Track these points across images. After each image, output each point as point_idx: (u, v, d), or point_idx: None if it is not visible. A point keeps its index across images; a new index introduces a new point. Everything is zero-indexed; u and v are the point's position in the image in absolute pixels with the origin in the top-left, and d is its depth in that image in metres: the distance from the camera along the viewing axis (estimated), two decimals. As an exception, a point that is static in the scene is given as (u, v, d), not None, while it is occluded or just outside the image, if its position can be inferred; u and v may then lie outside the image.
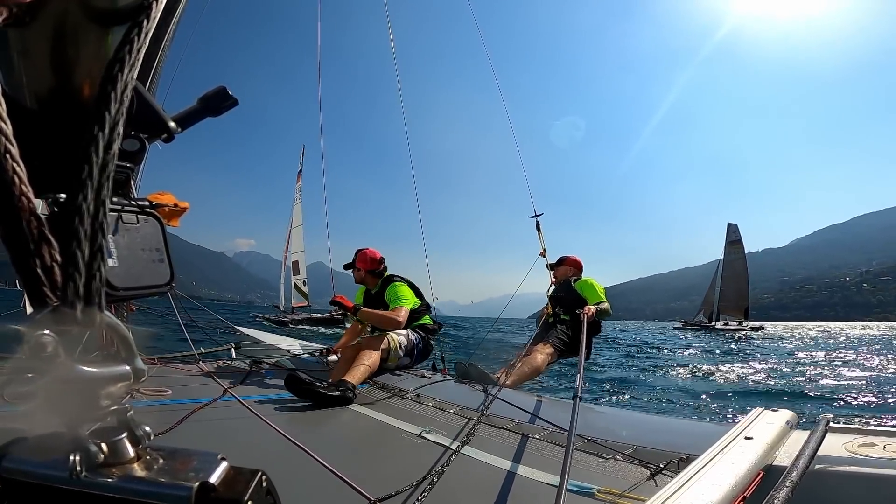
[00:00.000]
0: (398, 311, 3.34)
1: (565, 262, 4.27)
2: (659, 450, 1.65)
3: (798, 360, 12.82)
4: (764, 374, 9.60)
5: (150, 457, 0.29)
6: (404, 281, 3.62)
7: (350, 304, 3.45)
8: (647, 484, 1.43)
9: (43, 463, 0.28)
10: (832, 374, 9.63)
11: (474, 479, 1.53)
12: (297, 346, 4.79)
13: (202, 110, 0.60)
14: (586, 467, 1.58)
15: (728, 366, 11.09)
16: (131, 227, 0.52)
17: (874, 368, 10.72)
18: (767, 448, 1.10)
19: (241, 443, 1.88)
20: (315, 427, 2.20)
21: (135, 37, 0.35)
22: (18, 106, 0.45)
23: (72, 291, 0.29)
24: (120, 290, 0.50)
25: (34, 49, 0.40)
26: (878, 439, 1.17)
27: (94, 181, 0.31)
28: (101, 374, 0.29)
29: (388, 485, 1.38)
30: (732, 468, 0.96)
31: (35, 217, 0.31)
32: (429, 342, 3.61)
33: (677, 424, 2.70)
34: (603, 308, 3.74)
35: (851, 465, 1.07)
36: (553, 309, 4.09)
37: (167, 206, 0.73)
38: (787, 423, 1.28)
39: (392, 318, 3.31)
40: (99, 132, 0.32)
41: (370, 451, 1.94)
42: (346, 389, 2.56)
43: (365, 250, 3.69)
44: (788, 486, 0.82)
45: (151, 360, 3.33)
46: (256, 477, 0.28)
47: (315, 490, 1.42)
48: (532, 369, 3.57)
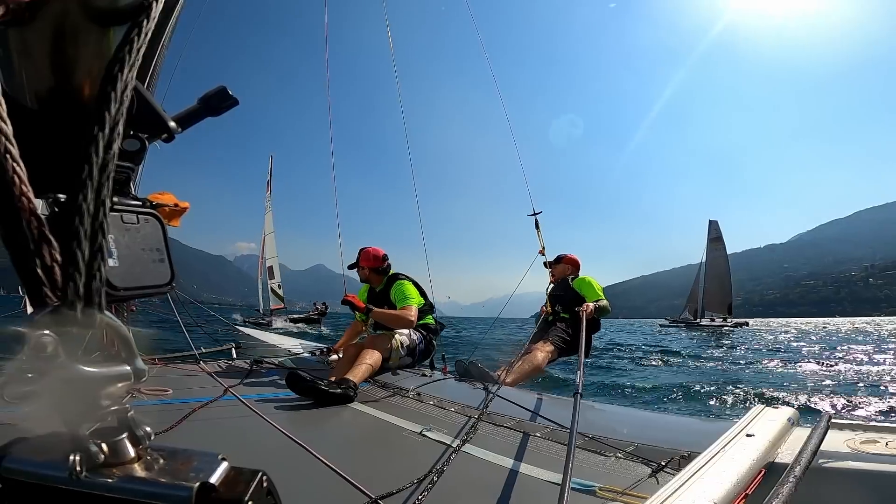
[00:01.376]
0: (409, 310, 3.33)
1: (563, 261, 4.27)
2: (660, 447, 1.65)
3: (775, 357, 12.96)
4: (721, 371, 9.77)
5: (150, 457, 0.29)
6: (409, 279, 3.61)
7: (362, 304, 3.42)
8: (649, 482, 1.43)
9: (43, 463, 0.28)
10: (802, 371, 9.82)
11: (475, 477, 1.53)
12: (298, 346, 4.80)
13: (202, 110, 0.59)
14: (588, 465, 1.58)
15: (693, 364, 11.21)
16: (132, 227, 0.52)
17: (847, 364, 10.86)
18: (769, 445, 1.10)
19: (243, 441, 1.88)
20: (316, 425, 2.20)
21: (135, 37, 0.35)
22: (18, 106, 0.45)
23: (72, 292, 0.29)
24: (120, 290, 0.49)
25: (34, 49, 0.40)
26: (881, 436, 1.16)
27: (95, 181, 0.31)
28: (101, 374, 0.29)
29: (390, 483, 1.38)
30: (734, 466, 0.96)
31: (35, 217, 0.31)
32: (431, 342, 3.61)
33: (678, 422, 2.71)
34: (601, 306, 3.74)
35: (854, 462, 1.06)
36: (552, 307, 4.10)
37: (168, 206, 0.73)
38: (788, 420, 1.28)
39: (404, 317, 3.30)
40: (99, 132, 0.32)
41: (371, 449, 1.94)
42: (347, 388, 2.56)
43: (368, 248, 3.68)
44: (791, 483, 0.82)
45: (152, 360, 3.34)
46: (257, 477, 0.28)
47: (316, 488, 1.42)
48: (532, 367, 3.57)
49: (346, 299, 3.46)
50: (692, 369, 10.10)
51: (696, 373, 9.44)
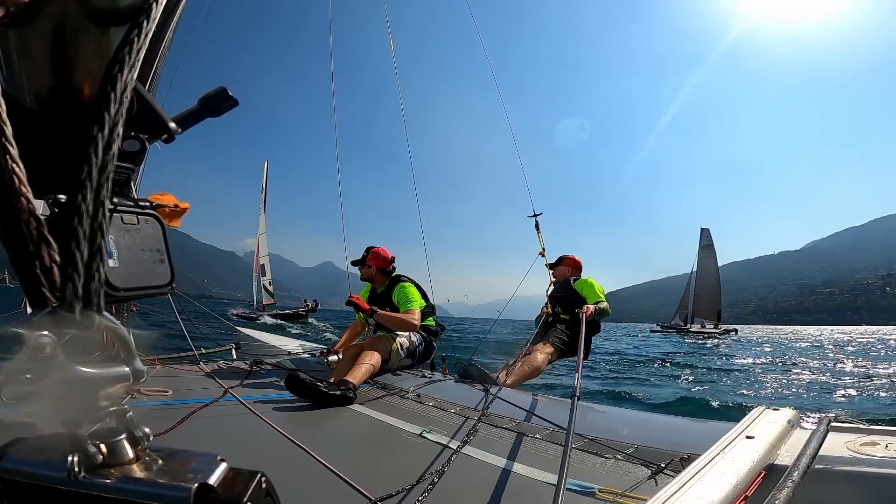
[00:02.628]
0: (413, 314, 3.31)
1: (563, 262, 4.27)
2: (660, 449, 1.65)
3: (755, 363, 13.06)
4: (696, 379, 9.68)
5: (149, 458, 0.29)
6: (411, 281, 3.59)
7: (367, 306, 3.37)
8: (649, 483, 1.43)
9: (42, 463, 0.28)
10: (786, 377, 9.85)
11: (475, 478, 1.53)
12: (298, 347, 4.79)
13: (202, 111, 0.60)
14: (587, 467, 1.58)
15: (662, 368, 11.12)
16: (132, 228, 0.52)
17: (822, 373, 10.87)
18: (769, 447, 1.10)
19: (242, 443, 1.88)
20: (315, 427, 2.20)
21: (135, 37, 0.35)
22: (18, 106, 0.45)
23: (70, 292, 0.29)
24: (120, 290, 0.49)
25: (34, 49, 0.40)
26: (881, 438, 1.16)
27: (94, 182, 0.31)
28: (100, 374, 0.29)
29: (389, 484, 1.38)
30: (734, 467, 0.96)
31: (34, 218, 0.31)
32: (431, 344, 3.60)
33: (678, 424, 2.70)
34: (602, 307, 3.73)
35: (854, 465, 1.06)
36: (553, 308, 4.10)
37: (167, 207, 0.73)
38: (788, 421, 1.28)
39: (408, 321, 3.29)
40: (98, 133, 0.32)
41: (371, 450, 1.94)
42: (346, 389, 2.55)
43: (377, 248, 3.66)
44: (790, 485, 0.82)
45: (152, 361, 3.33)
46: (255, 478, 0.28)
47: (315, 490, 1.42)
48: (532, 369, 3.57)
49: (351, 300, 3.43)
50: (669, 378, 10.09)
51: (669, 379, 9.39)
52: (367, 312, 3.33)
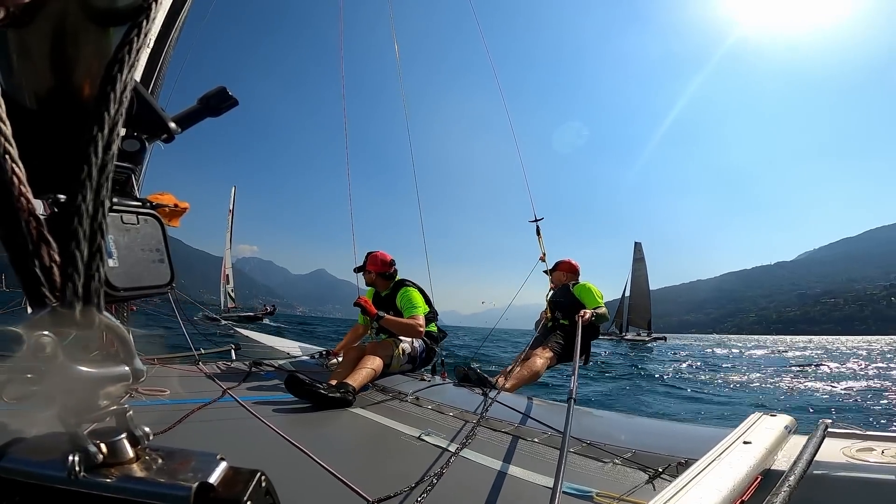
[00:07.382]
0: (417, 320, 3.29)
1: (560, 267, 4.26)
2: (657, 454, 1.65)
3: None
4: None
5: (149, 457, 0.30)
6: (415, 286, 3.57)
7: (374, 309, 3.30)
8: (646, 488, 1.43)
9: (42, 463, 0.28)
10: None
11: (473, 481, 1.53)
12: (297, 348, 4.78)
13: (202, 110, 0.60)
14: (585, 471, 1.58)
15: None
16: (131, 228, 0.52)
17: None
18: (766, 452, 1.10)
19: (240, 443, 1.88)
20: (314, 428, 2.19)
21: (134, 37, 0.35)
22: (18, 106, 0.45)
23: (70, 292, 0.29)
24: (120, 290, 0.49)
25: (33, 49, 0.40)
26: (876, 444, 1.17)
27: (94, 182, 0.31)
28: (99, 374, 0.29)
29: (387, 486, 1.38)
30: (731, 472, 0.96)
31: (34, 218, 0.31)
32: (432, 349, 3.58)
33: (676, 428, 2.70)
34: (600, 312, 3.72)
35: (849, 470, 1.07)
36: (552, 313, 4.09)
37: (167, 207, 0.73)
38: (785, 427, 1.28)
39: (414, 326, 3.27)
40: (98, 132, 0.32)
41: (369, 452, 1.93)
42: (346, 391, 2.55)
43: (376, 253, 3.65)
44: (786, 490, 0.82)
45: (151, 361, 3.32)
46: (255, 477, 0.28)
47: (314, 491, 1.41)
48: (531, 373, 3.56)
49: (359, 302, 3.40)
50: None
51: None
52: (374, 317, 3.29)
